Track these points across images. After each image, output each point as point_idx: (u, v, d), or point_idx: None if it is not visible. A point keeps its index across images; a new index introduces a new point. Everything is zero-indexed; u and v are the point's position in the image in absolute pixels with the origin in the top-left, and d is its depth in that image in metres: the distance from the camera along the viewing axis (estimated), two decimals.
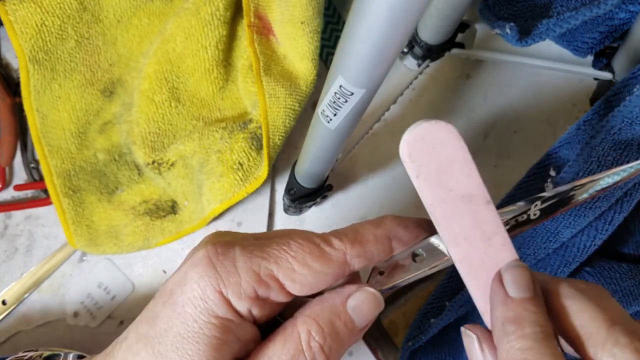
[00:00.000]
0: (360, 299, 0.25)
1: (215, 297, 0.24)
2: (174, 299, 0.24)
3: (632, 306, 0.41)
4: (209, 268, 0.24)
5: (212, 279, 0.24)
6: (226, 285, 0.24)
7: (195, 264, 0.24)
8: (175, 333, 0.24)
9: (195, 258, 0.24)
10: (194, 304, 0.24)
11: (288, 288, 0.25)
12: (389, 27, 0.21)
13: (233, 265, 0.24)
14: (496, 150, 0.53)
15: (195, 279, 0.24)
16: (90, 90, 0.50)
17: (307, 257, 0.25)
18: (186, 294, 0.24)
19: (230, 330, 0.24)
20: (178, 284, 0.24)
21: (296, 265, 0.24)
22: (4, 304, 0.49)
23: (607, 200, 0.39)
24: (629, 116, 0.38)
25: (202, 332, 0.23)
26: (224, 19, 0.47)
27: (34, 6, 0.47)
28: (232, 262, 0.24)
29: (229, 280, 0.24)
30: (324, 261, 0.25)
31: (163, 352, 0.24)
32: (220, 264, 0.24)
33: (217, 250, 0.24)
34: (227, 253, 0.24)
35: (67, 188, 0.49)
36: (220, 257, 0.24)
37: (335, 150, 0.35)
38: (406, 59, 0.46)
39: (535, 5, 0.44)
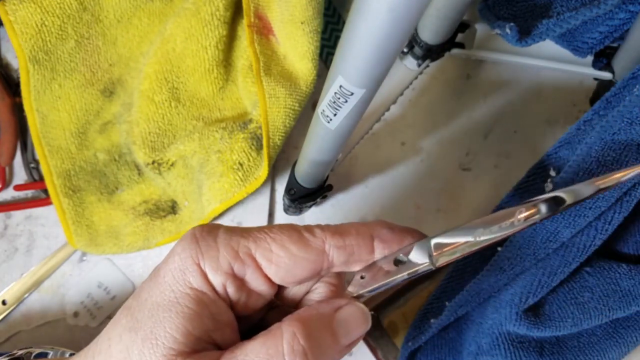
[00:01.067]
0: (349, 312, 0.25)
1: (193, 268, 0.25)
2: (158, 272, 0.25)
3: (632, 306, 0.41)
4: (192, 242, 0.25)
5: (193, 251, 0.25)
6: (204, 258, 0.25)
7: (182, 241, 0.26)
8: (153, 302, 0.24)
9: (184, 237, 0.26)
10: (173, 274, 0.25)
11: (264, 269, 0.25)
12: (389, 27, 0.21)
13: (214, 240, 0.25)
14: (496, 150, 0.53)
15: (177, 252, 0.25)
16: (90, 90, 0.50)
17: (285, 239, 0.25)
18: (168, 265, 0.25)
19: (204, 304, 0.24)
20: (165, 260, 0.26)
21: (274, 246, 0.25)
22: (4, 304, 0.49)
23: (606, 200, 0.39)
24: (628, 116, 0.38)
25: (177, 302, 0.24)
26: (224, 19, 0.47)
27: (33, 6, 0.47)
28: (214, 238, 0.25)
29: (208, 253, 0.25)
30: (301, 245, 0.25)
31: (139, 318, 0.24)
32: (202, 239, 0.25)
33: (203, 229, 0.26)
34: (210, 231, 0.26)
35: (67, 188, 0.49)
36: (204, 234, 0.25)
37: (336, 151, 0.35)
38: (406, 59, 0.46)
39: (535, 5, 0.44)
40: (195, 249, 0.25)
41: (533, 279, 0.40)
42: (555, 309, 0.40)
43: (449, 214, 0.51)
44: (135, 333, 0.24)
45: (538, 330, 0.39)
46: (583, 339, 0.43)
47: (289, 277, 0.25)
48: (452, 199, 0.52)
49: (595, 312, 0.40)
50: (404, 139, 0.53)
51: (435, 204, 0.52)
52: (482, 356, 0.39)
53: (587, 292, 0.41)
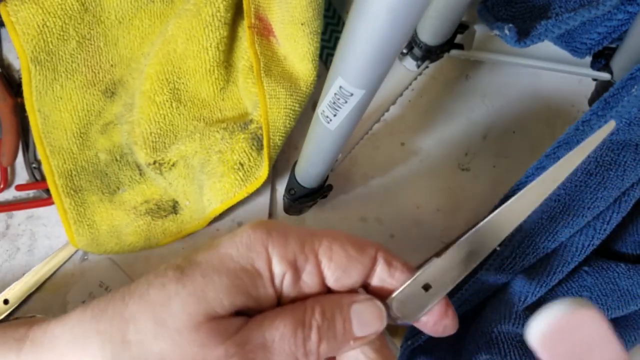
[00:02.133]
0: (365, 306, 0.27)
1: (260, 249, 0.26)
2: (220, 244, 0.26)
3: (630, 306, 0.41)
4: (264, 228, 0.26)
5: (264, 234, 0.26)
6: (274, 243, 0.26)
7: (252, 224, 0.27)
8: (210, 265, 0.25)
9: (253, 224, 0.27)
10: (238, 248, 0.26)
11: (323, 266, 0.27)
12: (388, 28, 0.21)
13: (284, 230, 0.27)
14: (495, 150, 0.53)
15: (248, 232, 0.26)
16: (92, 90, 0.50)
17: (345, 242, 0.27)
18: (234, 240, 0.26)
19: (257, 287, 0.26)
20: (228, 237, 0.26)
21: (334, 245, 0.27)
22: (5, 303, 0.49)
23: (605, 200, 0.39)
24: (627, 117, 0.39)
25: (235, 273, 0.25)
26: (224, 20, 0.47)
27: (35, 7, 0.47)
28: (284, 230, 0.27)
29: (278, 240, 0.26)
30: (358, 249, 0.27)
31: (190, 274, 0.25)
32: (274, 229, 0.26)
33: (274, 222, 0.27)
34: (282, 225, 0.27)
35: (69, 188, 0.50)
36: (276, 225, 0.27)
37: (335, 151, 0.35)
38: (405, 59, 0.46)
39: (534, 6, 0.45)
40: (267, 232, 0.26)
41: (532, 279, 0.40)
42: None
43: (448, 214, 0.52)
44: (183, 285, 0.25)
45: None
46: None
47: (342, 278, 0.27)
48: (451, 199, 0.52)
49: None
50: (403, 139, 0.53)
51: (435, 203, 0.52)
52: (481, 355, 0.40)
53: (586, 292, 0.41)
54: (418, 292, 0.27)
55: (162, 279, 0.25)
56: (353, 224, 0.51)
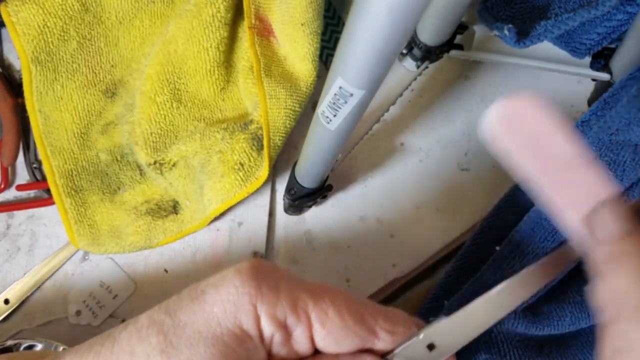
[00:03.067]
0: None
1: (248, 308, 0.23)
2: (205, 297, 0.24)
3: None
4: (252, 279, 0.24)
5: (253, 289, 0.23)
6: (263, 301, 0.23)
7: (240, 271, 0.24)
8: (195, 330, 0.23)
9: (241, 267, 0.24)
10: (225, 307, 0.23)
11: (315, 331, 0.24)
12: (388, 28, 0.21)
13: (275, 285, 0.24)
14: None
15: (235, 284, 0.24)
16: (92, 91, 0.50)
17: (343, 308, 0.24)
18: (220, 294, 0.24)
19: (247, 349, 0.23)
20: (213, 285, 0.24)
21: (331, 310, 0.24)
22: (6, 303, 0.49)
23: None
24: (626, 117, 0.39)
25: (222, 339, 0.23)
26: (225, 20, 0.47)
27: (36, 7, 0.47)
28: (276, 283, 0.24)
29: (268, 297, 0.23)
30: (357, 318, 0.24)
31: (175, 344, 0.23)
32: (264, 280, 0.24)
33: (264, 269, 0.24)
34: (273, 274, 0.24)
35: (70, 188, 0.50)
36: (266, 274, 0.24)
37: (335, 151, 0.35)
38: (405, 60, 0.46)
39: (534, 7, 0.45)
40: (256, 288, 0.23)
41: None
42: (554, 307, 0.40)
43: (447, 214, 0.52)
44: (168, 358, 0.23)
45: (537, 329, 0.40)
46: (581, 338, 0.43)
47: (333, 347, 0.24)
48: (451, 199, 0.52)
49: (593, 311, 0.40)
50: (403, 139, 0.53)
51: (434, 204, 0.52)
52: (481, 354, 0.40)
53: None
54: (422, 351, 0.25)
55: (146, 348, 0.23)
56: (353, 224, 0.51)
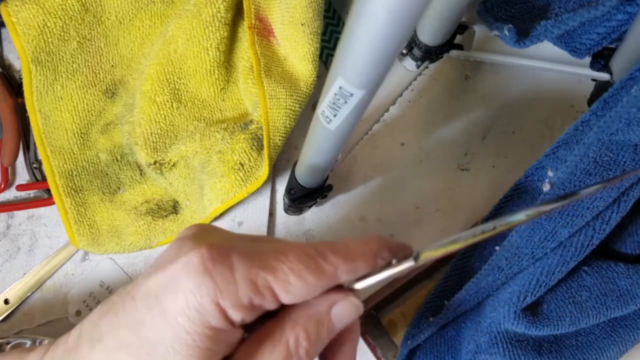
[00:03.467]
0: (343, 307, 0.26)
1: (211, 308, 0.23)
2: (163, 306, 0.23)
3: (630, 305, 0.41)
4: (205, 276, 0.23)
5: (210, 289, 0.23)
6: (223, 295, 0.23)
7: (189, 270, 0.23)
8: (167, 345, 0.23)
9: (188, 263, 0.23)
10: (187, 315, 0.23)
11: (281, 299, 0.25)
12: (388, 28, 0.21)
13: (231, 273, 0.23)
14: (494, 150, 0.53)
15: (189, 288, 0.23)
16: (92, 91, 0.51)
17: (303, 269, 0.24)
18: (179, 302, 0.23)
19: (222, 340, 0.24)
20: (167, 289, 0.23)
21: (292, 277, 0.24)
22: (6, 303, 0.49)
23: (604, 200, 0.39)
24: (626, 117, 0.39)
25: (196, 344, 0.23)
26: (225, 20, 0.47)
27: (36, 7, 0.47)
28: (230, 270, 0.23)
29: (226, 289, 0.23)
30: (318, 274, 0.25)
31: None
32: (217, 273, 0.23)
33: (213, 256, 0.23)
34: (224, 260, 0.23)
35: (70, 188, 0.50)
36: (217, 264, 0.23)
37: (335, 151, 0.35)
38: (405, 60, 0.46)
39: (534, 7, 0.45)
40: (212, 285, 0.23)
41: (531, 278, 0.40)
42: (553, 308, 0.40)
43: (447, 214, 0.52)
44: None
45: (536, 329, 0.40)
46: (581, 338, 0.43)
47: (300, 300, 0.25)
48: (450, 199, 0.52)
49: (593, 311, 0.40)
50: (403, 139, 0.53)
51: (434, 203, 0.52)
52: (481, 355, 0.40)
53: (585, 292, 0.41)
54: None
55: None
56: (353, 224, 0.51)
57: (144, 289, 0.24)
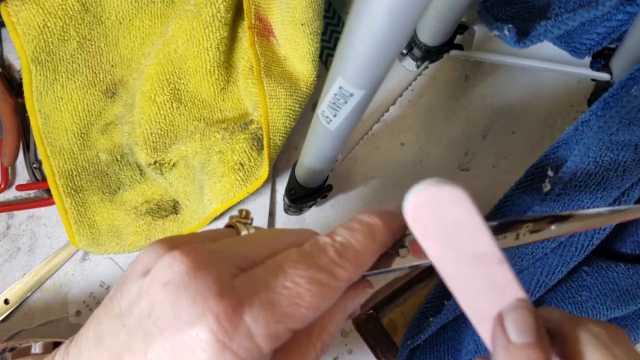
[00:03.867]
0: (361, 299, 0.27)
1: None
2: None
3: (630, 305, 0.41)
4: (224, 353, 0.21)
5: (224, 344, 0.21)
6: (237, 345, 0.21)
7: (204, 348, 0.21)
8: None
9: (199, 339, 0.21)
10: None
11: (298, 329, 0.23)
12: (388, 28, 0.21)
13: (251, 341, 0.21)
14: (494, 150, 0.53)
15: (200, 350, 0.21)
16: (92, 91, 0.50)
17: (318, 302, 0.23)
18: None
19: None
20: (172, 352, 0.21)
21: (309, 313, 0.23)
22: (6, 303, 0.49)
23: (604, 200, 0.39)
24: (626, 117, 0.39)
25: None
26: (225, 20, 0.47)
27: (36, 7, 0.47)
28: (249, 337, 0.21)
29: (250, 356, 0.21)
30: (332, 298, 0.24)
31: None
32: (236, 345, 0.21)
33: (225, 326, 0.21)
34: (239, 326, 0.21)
35: (70, 188, 0.50)
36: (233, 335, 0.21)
37: (335, 151, 0.35)
38: (405, 60, 0.46)
39: (534, 7, 0.45)
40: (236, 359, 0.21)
41: (531, 278, 0.40)
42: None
43: None
44: None
45: None
46: None
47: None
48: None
49: (593, 311, 0.40)
50: (403, 139, 0.53)
51: None
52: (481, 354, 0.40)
53: (585, 292, 0.41)
54: None
55: None
56: None
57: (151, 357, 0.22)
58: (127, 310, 0.23)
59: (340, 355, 0.49)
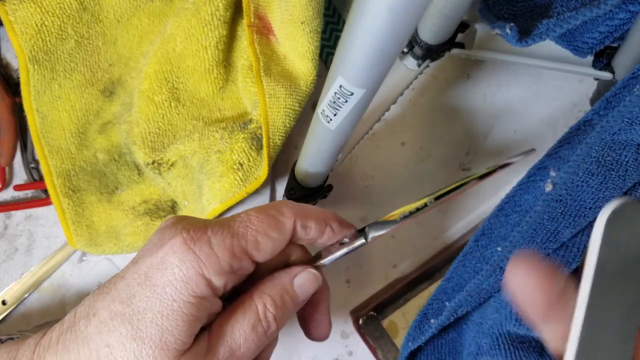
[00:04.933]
0: (304, 278, 0.31)
1: (197, 279, 0.27)
2: (152, 281, 0.27)
3: None
4: (188, 252, 0.27)
5: (194, 262, 0.27)
6: (207, 266, 0.27)
7: (174, 250, 0.27)
8: (155, 311, 0.26)
9: (173, 245, 0.27)
10: (174, 285, 0.26)
11: (254, 257, 0.29)
12: (388, 27, 0.21)
13: (209, 247, 0.27)
14: (496, 150, 0.53)
15: (176, 264, 0.27)
16: (90, 90, 0.50)
17: (267, 228, 0.29)
18: (166, 276, 0.27)
19: (204, 308, 0.27)
20: (156, 267, 0.27)
21: (259, 237, 0.29)
22: (3, 304, 0.49)
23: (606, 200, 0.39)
24: (628, 116, 0.38)
25: (181, 310, 0.26)
26: (224, 19, 0.47)
27: (33, 6, 0.47)
28: (208, 244, 0.27)
29: (209, 261, 0.27)
30: (279, 229, 0.30)
31: (142, 328, 0.26)
32: (198, 248, 0.27)
33: (192, 235, 0.27)
34: (202, 237, 0.27)
35: (67, 188, 0.49)
36: (196, 241, 0.27)
37: (335, 151, 0.35)
38: (406, 58, 0.46)
39: (536, 5, 0.44)
40: (196, 259, 0.27)
41: None
42: None
43: (448, 214, 0.51)
44: (142, 342, 0.26)
45: None
46: None
47: (270, 256, 0.30)
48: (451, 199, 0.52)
49: None
50: (403, 139, 0.53)
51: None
52: (483, 356, 0.39)
53: None
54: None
55: (119, 338, 0.26)
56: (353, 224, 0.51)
57: (133, 270, 0.27)
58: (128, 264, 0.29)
59: (340, 357, 0.49)
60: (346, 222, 0.34)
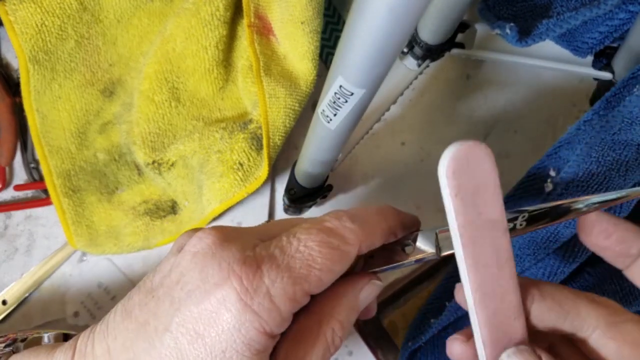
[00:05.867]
0: (369, 292, 0.28)
1: (258, 337, 0.24)
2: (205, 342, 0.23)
3: (633, 306, 0.41)
4: (245, 311, 0.23)
5: (255, 322, 0.23)
6: (269, 323, 0.24)
7: (228, 307, 0.23)
8: None
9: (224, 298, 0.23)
10: (235, 349, 0.23)
11: (315, 292, 0.26)
12: (388, 27, 0.21)
13: (270, 301, 0.24)
14: (496, 150, 0.53)
15: (233, 325, 0.23)
16: (90, 90, 0.50)
17: (330, 264, 0.25)
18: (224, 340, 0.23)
19: (267, 355, 0.25)
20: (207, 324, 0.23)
21: (323, 275, 0.25)
22: (4, 304, 0.49)
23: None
24: (628, 116, 0.38)
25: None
26: (224, 19, 0.47)
27: (34, 6, 0.47)
28: (268, 297, 0.24)
29: (270, 317, 0.24)
30: (344, 261, 0.26)
31: None
32: (257, 304, 0.23)
33: (247, 286, 0.23)
34: (258, 287, 0.24)
35: (67, 188, 0.49)
36: (254, 296, 0.23)
37: (335, 151, 0.35)
38: (406, 59, 0.46)
39: (535, 5, 0.44)
40: (256, 319, 0.23)
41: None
42: None
43: None
44: None
45: None
46: None
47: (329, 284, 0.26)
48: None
49: None
50: (404, 139, 0.53)
51: (435, 204, 0.52)
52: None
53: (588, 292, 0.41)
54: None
55: None
56: None
57: (178, 321, 0.24)
58: (158, 284, 0.26)
59: (340, 357, 0.49)
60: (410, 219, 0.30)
